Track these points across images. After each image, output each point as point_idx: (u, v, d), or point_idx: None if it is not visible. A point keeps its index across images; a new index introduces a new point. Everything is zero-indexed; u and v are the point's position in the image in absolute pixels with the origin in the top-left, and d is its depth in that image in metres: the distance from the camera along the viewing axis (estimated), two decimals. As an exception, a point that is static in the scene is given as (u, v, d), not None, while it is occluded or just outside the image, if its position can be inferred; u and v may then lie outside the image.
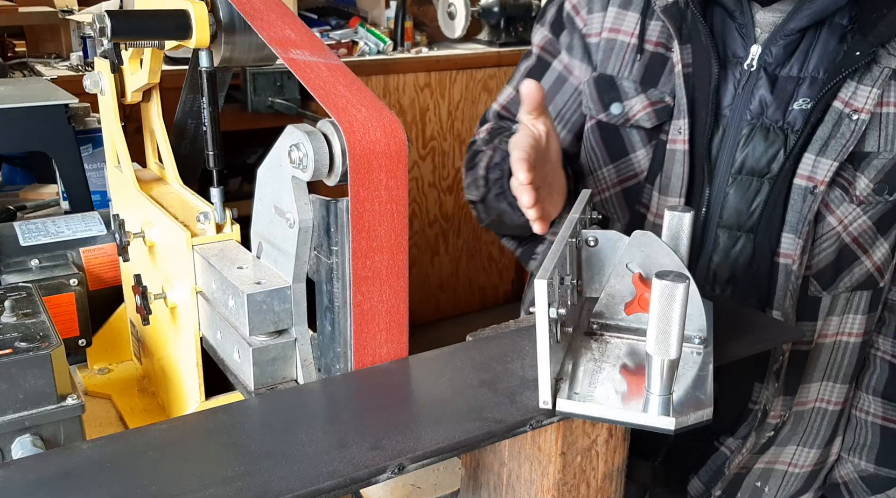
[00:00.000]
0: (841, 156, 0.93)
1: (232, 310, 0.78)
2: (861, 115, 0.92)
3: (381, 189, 0.70)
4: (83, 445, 0.61)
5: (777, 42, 0.97)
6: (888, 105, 0.94)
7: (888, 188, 0.95)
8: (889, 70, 0.93)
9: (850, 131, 0.92)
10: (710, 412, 0.64)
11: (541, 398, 0.66)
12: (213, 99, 0.84)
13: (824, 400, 1.10)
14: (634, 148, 1.03)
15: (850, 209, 0.96)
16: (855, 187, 0.95)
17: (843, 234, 0.97)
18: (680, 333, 0.62)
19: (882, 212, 0.97)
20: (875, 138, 0.94)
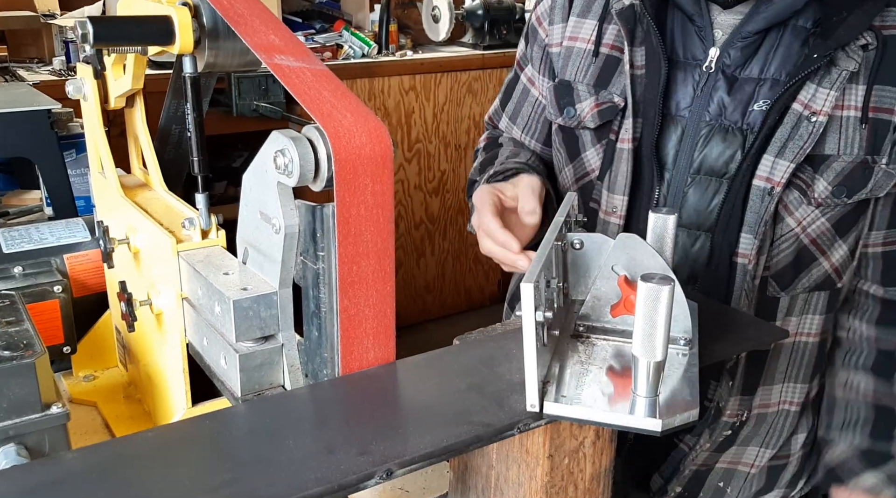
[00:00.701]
0: (798, 157, 0.93)
1: (218, 316, 0.78)
2: (819, 117, 0.93)
3: (367, 194, 0.70)
4: (68, 454, 0.61)
5: (735, 44, 0.98)
6: (847, 108, 0.94)
7: (846, 191, 0.96)
8: (847, 73, 0.93)
9: (809, 133, 0.93)
10: (696, 414, 0.65)
11: (528, 401, 0.66)
12: (198, 104, 0.84)
13: (787, 401, 1.11)
14: (585, 148, 1.07)
15: (808, 211, 0.97)
16: (813, 189, 0.96)
17: (801, 235, 0.98)
18: (666, 334, 0.63)
19: (840, 214, 0.98)
20: (835, 141, 0.95)
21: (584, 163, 1.08)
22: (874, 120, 0.94)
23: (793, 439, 1.15)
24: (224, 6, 0.80)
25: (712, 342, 0.79)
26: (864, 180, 0.95)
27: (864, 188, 0.96)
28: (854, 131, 0.94)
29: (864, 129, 0.94)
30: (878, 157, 0.95)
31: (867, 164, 0.95)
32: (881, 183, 0.96)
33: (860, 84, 0.94)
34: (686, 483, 1.13)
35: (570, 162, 1.10)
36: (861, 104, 0.94)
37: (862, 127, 0.94)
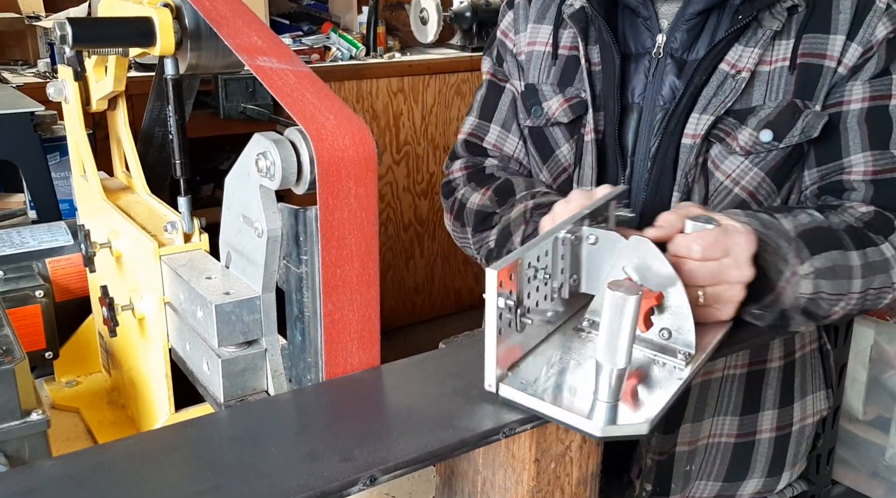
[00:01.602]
0: (718, 111, 0.97)
1: (200, 321, 0.77)
2: (742, 74, 0.97)
3: (351, 197, 0.69)
4: (46, 462, 0.60)
5: (679, 28, 1.01)
6: (775, 62, 0.98)
7: (773, 134, 0.97)
8: (771, 31, 0.97)
9: (731, 89, 0.97)
10: (645, 428, 0.64)
11: (486, 381, 0.68)
12: (180, 107, 0.83)
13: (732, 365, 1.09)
14: (559, 144, 1.09)
15: (737, 162, 0.99)
16: (736, 139, 0.98)
17: (735, 189, 1.00)
18: (629, 343, 0.63)
19: (774, 161, 0.99)
20: (761, 93, 0.98)
21: (558, 160, 1.09)
22: (802, 65, 0.97)
23: (760, 416, 1.12)
24: (206, 7, 0.80)
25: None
26: (791, 122, 0.97)
27: (792, 128, 0.97)
28: (780, 79, 0.98)
29: (793, 76, 0.97)
30: (811, 103, 0.98)
31: (795, 107, 0.97)
32: (812, 123, 0.97)
33: (788, 39, 0.98)
34: (654, 478, 1.12)
35: (543, 163, 1.12)
36: (790, 55, 0.98)
37: (790, 74, 0.98)
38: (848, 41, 0.97)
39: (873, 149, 0.97)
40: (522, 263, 0.70)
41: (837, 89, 0.98)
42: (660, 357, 0.73)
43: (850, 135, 0.98)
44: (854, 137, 0.98)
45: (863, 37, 0.97)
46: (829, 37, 0.98)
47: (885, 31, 0.98)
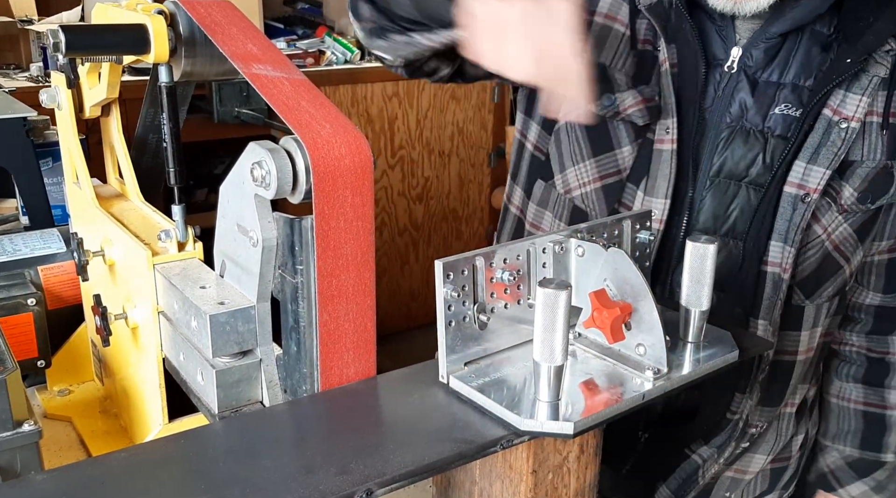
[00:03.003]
0: (833, 164, 0.93)
1: (195, 331, 0.76)
2: (851, 124, 0.92)
3: (347, 206, 0.69)
4: (38, 477, 0.59)
5: (758, 45, 0.96)
6: (875, 114, 0.94)
7: (871, 196, 0.95)
8: (878, 79, 0.92)
9: (841, 139, 0.92)
10: (570, 427, 0.65)
11: (440, 372, 0.72)
12: (174, 114, 0.82)
13: (790, 403, 1.11)
14: (621, 143, 1.00)
15: (833, 217, 0.96)
16: (841, 196, 0.95)
17: (826, 242, 0.97)
18: (564, 339, 0.64)
19: (863, 220, 0.98)
20: (860, 147, 0.94)
21: (616, 159, 1.00)
22: (895, 125, 0.94)
23: (793, 441, 1.15)
24: (200, 14, 0.79)
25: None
26: (886, 185, 0.95)
27: (886, 193, 0.96)
28: (877, 137, 0.94)
29: (885, 135, 0.94)
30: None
31: (889, 168, 0.95)
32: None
33: (884, 91, 0.93)
34: (695, 494, 1.12)
35: (593, 155, 1.02)
36: (882, 110, 0.94)
37: (883, 132, 0.94)
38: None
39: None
40: (485, 262, 0.72)
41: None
42: (629, 372, 0.73)
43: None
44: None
45: None
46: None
47: None
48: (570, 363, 0.74)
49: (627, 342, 0.74)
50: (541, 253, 0.77)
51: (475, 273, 0.72)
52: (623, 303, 0.73)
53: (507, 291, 0.76)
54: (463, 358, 0.73)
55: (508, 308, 0.76)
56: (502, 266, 0.74)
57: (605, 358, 0.75)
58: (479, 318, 0.73)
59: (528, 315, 0.77)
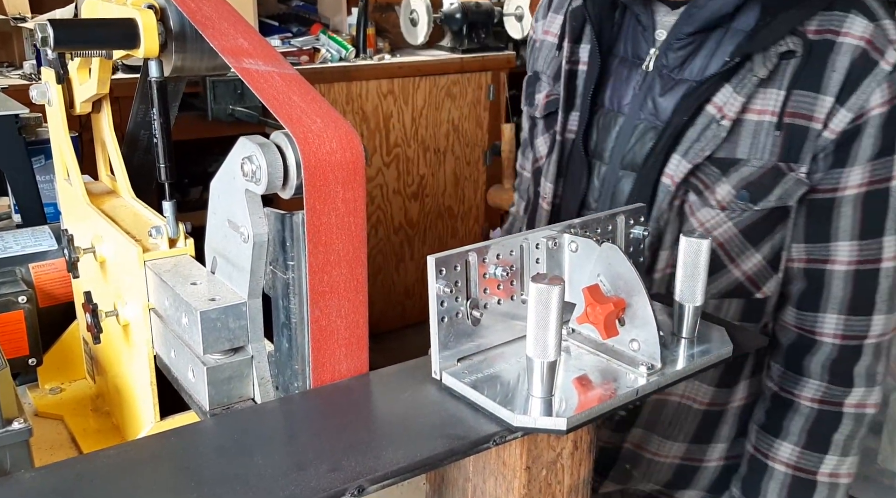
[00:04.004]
0: (696, 159, 0.94)
1: (185, 327, 0.75)
2: (724, 121, 0.92)
3: (338, 201, 0.68)
4: (27, 475, 0.59)
5: (672, 46, 0.99)
6: (763, 113, 0.92)
7: (750, 196, 0.94)
8: (756, 78, 0.91)
9: (713, 135, 0.93)
10: (564, 423, 0.65)
11: (433, 369, 0.72)
12: (164, 110, 0.82)
13: (689, 397, 1.09)
14: (537, 136, 1.12)
15: (711, 214, 0.96)
16: (714, 192, 0.95)
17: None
18: (557, 335, 0.64)
19: (750, 221, 0.96)
20: (747, 146, 0.93)
21: (536, 149, 1.13)
22: (789, 125, 0.92)
23: (709, 448, 1.13)
24: (191, 8, 0.78)
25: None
26: (771, 186, 0.93)
27: (769, 195, 0.94)
28: (767, 137, 0.92)
29: (779, 136, 0.92)
30: (796, 165, 0.93)
31: (778, 171, 0.93)
32: (790, 191, 0.94)
33: (780, 89, 0.92)
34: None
35: (528, 147, 1.15)
36: (778, 110, 0.92)
37: (776, 133, 0.92)
38: (837, 104, 0.90)
39: (863, 238, 0.94)
40: (478, 258, 0.72)
41: (833, 173, 0.93)
42: (623, 367, 0.72)
43: (843, 221, 0.94)
44: (846, 224, 0.94)
45: (855, 103, 0.90)
46: (817, 96, 0.91)
47: (881, 99, 0.89)
48: (563, 359, 0.74)
49: (621, 338, 0.74)
50: (534, 248, 0.77)
51: (468, 269, 0.72)
52: (617, 298, 0.72)
53: (501, 286, 0.75)
54: (456, 354, 0.73)
55: (502, 304, 0.76)
56: (495, 262, 0.74)
57: (599, 354, 0.75)
58: (472, 313, 0.73)
59: (521, 311, 0.76)
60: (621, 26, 1.04)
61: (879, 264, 0.95)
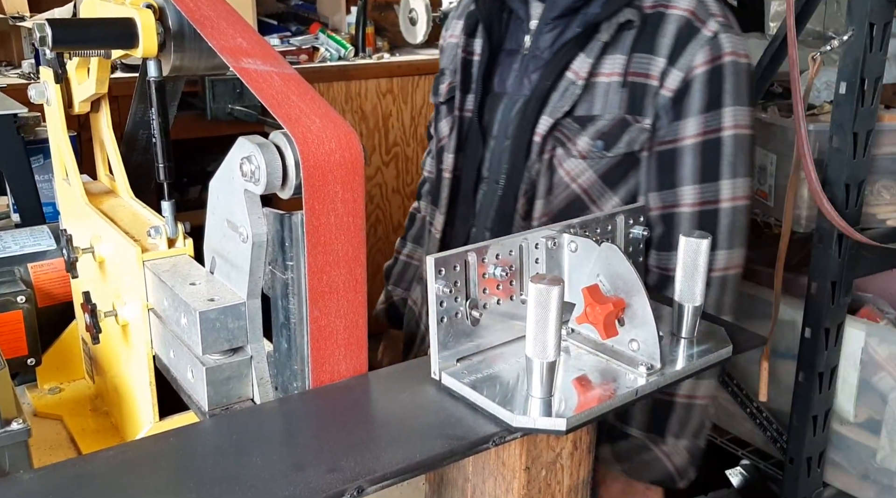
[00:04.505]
0: (556, 114, 1.09)
1: (184, 328, 0.75)
2: (579, 82, 1.09)
3: (337, 202, 0.68)
4: (25, 475, 0.58)
5: (542, 31, 1.15)
6: (611, 75, 1.09)
7: (604, 145, 1.09)
8: (600, 43, 1.08)
9: (570, 94, 1.09)
10: (563, 423, 0.65)
11: (432, 369, 0.72)
12: (163, 110, 0.82)
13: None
14: (440, 120, 1.28)
15: (575, 163, 1.11)
16: (575, 144, 1.10)
17: (572, 185, 1.12)
18: (556, 335, 0.64)
19: (606, 167, 1.10)
20: (601, 103, 1.09)
21: (439, 131, 1.28)
22: (632, 83, 1.08)
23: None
24: (190, 8, 0.78)
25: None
26: (619, 134, 1.08)
27: (618, 142, 1.08)
28: (615, 94, 1.08)
29: (625, 92, 1.08)
30: (641, 117, 1.08)
31: (626, 122, 1.08)
32: (636, 138, 1.08)
33: (623, 54, 1.08)
34: None
35: (435, 133, 1.30)
36: (622, 71, 1.08)
37: (622, 90, 1.08)
38: (669, 65, 1.06)
39: (702, 182, 1.08)
40: (477, 258, 0.72)
41: (673, 126, 1.07)
42: (623, 367, 0.72)
43: (685, 169, 1.08)
44: (687, 171, 1.08)
45: (683, 63, 1.05)
46: (652, 57, 1.07)
47: (703, 59, 1.05)
48: (562, 359, 0.74)
49: (621, 338, 0.73)
50: (533, 248, 0.77)
51: (467, 269, 0.72)
52: (616, 298, 0.72)
53: (500, 286, 0.75)
54: (455, 354, 0.73)
55: (501, 304, 0.76)
56: (495, 262, 0.74)
57: (599, 354, 0.75)
58: (472, 314, 0.73)
59: (520, 311, 0.76)
60: (509, 25, 1.20)
61: (718, 205, 1.09)
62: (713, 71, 1.05)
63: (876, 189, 1.38)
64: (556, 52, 1.11)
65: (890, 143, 1.35)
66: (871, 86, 1.24)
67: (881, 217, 1.39)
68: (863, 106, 1.24)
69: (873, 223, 1.38)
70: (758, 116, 1.47)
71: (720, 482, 2.02)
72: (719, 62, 1.05)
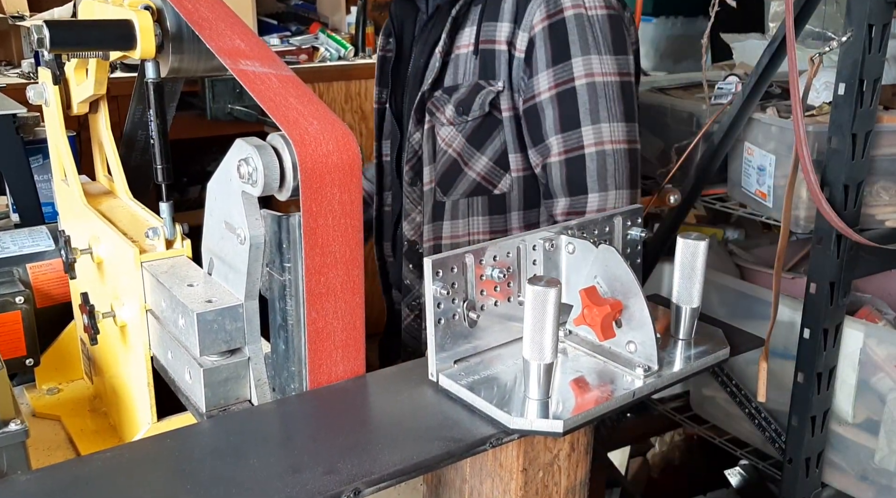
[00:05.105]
0: (425, 87, 1.19)
1: (182, 329, 0.75)
2: (436, 55, 1.18)
3: (335, 203, 0.68)
4: (22, 477, 0.59)
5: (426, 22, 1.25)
6: (465, 47, 1.18)
7: (462, 110, 1.17)
8: (450, 20, 1.17)
9: (433, 69, 1.19)
10: (560, 425, 0.65)
11: (429, 370, 0.72)
12: (161, 111, 0.82)
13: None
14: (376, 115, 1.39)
15: (447, 131, 1.20)
16: (444, 113, 1.19)
17: (448, 150, 1.21)
18: (554, 337, 0.64)
19: (471, 130, 1.19)
20: (461, 74, 1.19)
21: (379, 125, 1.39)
22: (483, 50, 1.16)
23: None
24: (188, 10, 0.78)
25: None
26: (473, 99, 1.17)
27: (473, 106, 1.17)
28: (470, 64, 1.18)
29: (476, 60, 1.17)
30: (494, 81, 1.16)
31: (480, 87, 1.16)
32: (486, 100, 1.16)
33: (472, 26, 1.17)
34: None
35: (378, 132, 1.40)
36: (473, 41, 1.17)
37: (475, 58, 1.17)
38: (515, 27, 1.14)
39: (563, 131, 1.14)
40: (475, 260, 0.72)
41: (529, 83, 1.14)
42: (620, 369, 0.72)
43: (547, 121, 1.14)
44: (549, 123, 1.14)
45: (526, 23, 1.13)
46: (497, 24, 1.15)
47: (541, 16, 1.12)
48: (560, 361, 0.74)
49: (618, 340, 0.73)
50: (531, 250, 0.77)
51: (465, 270, 0.72)
52: (614, 300, 0.72)
53: (497, 288, 0.75)
54: (452, 356, 0.73)
55: (498, 305, 0.76)
56: (492, 263, 0.74)
57: (596, 355, 0.75)
58: (469, 315, 0.73)
59: (518, 312, 0.76)
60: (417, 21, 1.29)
61: (583, 151, 1.14)
62: (553, 26, 1.11)
63: (875, 190, 1.38)
64: (419, 34, 1.24)
65: (889, 145, 1.35)
66: (869, 87, 1.24)
67: (880, 218, 1.39)
68: (862, 107, 1.24)
69: (872, 224, 1.38)
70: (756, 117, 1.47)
71: (719, 482, 2.02)
72: (560, 17, 1.11)
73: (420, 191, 1.24)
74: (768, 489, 1.93)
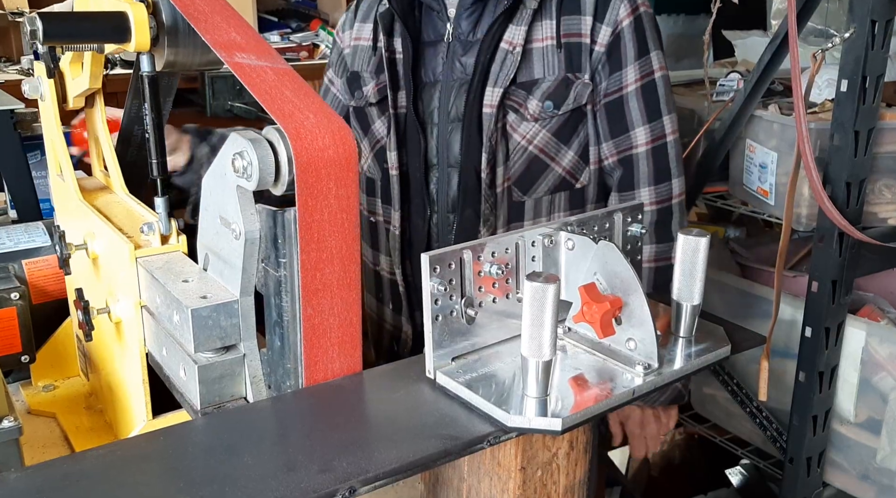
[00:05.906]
0: (504, 83, 1.16)
1: (177, 325, 0.74)
2: (516, 49, 1.17)
3: (331, 198, 0.67)
4: (12, 475, 0.58)
5: (461, 16, 1.22)
6: (545, 40, 1.18)
7: (553, 104, 1.18)
8: (530, 11, 1.17)
9: (511, 63, 1.17)
10: (559, 423, 0.64)
11: (427, 368, 0.71)
12: (156, 105, 0.81)
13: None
14: (374, 121, 1.30)
15: (529, 126, 1.19)
16: (526, 108, 1.18)
17: (529, 147, 1.20)
18: (552, 334, 0.63)
19: (557, 125, 1.19)
20: (541, 67, 1.18)
21: (373, 133, 1.30)
22: (566, 44, 1.18)
23: None
24: (183, 2, 0.77)
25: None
26: (566, 93, 1.18)
27: (567, 98, 1.18)
28: (553, 56, 1.18)
29: (561, 53, 1.18)
30: (581, 74, 1.18)
31: (568, 80, 1.18)
32: (581, 93, 1.18)
33: (551, 19, 1.18)
34: None
35: (364, 135, 1.32)
36: (554, 34, 1.18)
37: (559, 52, 1.18)
38: (597, 22, 1.17)
39: (649, 121, 1.20)
40: (473, 256, 0.71)
41: (615, 76, 1.18)
42: (620, 367, 0.71)
43: (633, 112, 1.20)
44: (635, 114, 1.20)
45: (609, 18, 1.17)
46: (580, 17, 1.18)
47: (626, 12, 1.17)
48: (559, 358, 0.73)
49: (618, 337, 0.73)
50: (530, 246, 0.76)
51: (463, 267, 0.71)
52: (613, 297, 0.71)
53: (496, 284, 0.74)
54: (450, 353, 0.72)
55: (497, 302, 0.75)
56: (490, 259, 0.73)
57: (595, 353, 0.74)
58: (467, 312, 0.72)
59: (516, 309, 0.75)
60: (421, 20, 1.27)
61: (665, 139, 1.21)
62: (635, 21, 1.18)
63: (877, 188, 1.37)
64: (488, 28, 1.18)
65: (891, 142, 1.34)
66: (872, 84, 1.23)
67: (882, 216, 1.38)
68: (864, 104, 1.23)
69: (874, 222, 1.37)
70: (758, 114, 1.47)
71: (720, 482, 2.01)
72: (638, 13, 1.18)
73: (493, 194, 1.21)
74: (769, 489, 1.92)
